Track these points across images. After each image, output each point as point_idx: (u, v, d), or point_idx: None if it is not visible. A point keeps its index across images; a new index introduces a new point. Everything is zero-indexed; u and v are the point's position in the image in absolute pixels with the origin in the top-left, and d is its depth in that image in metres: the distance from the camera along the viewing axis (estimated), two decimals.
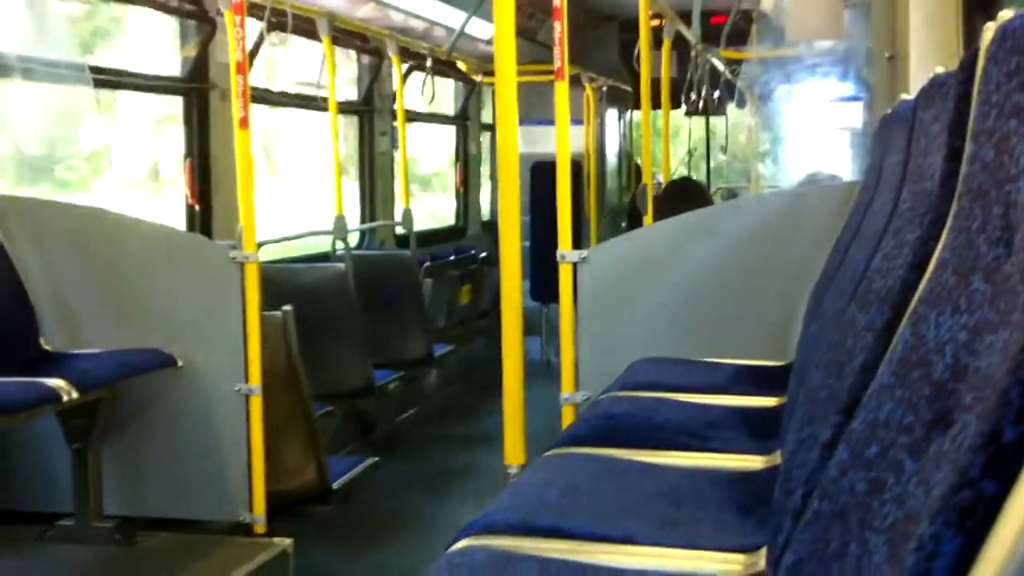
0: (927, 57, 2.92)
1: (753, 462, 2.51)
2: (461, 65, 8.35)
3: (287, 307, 4.19)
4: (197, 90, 5.29)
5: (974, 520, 0.85)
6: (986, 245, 1.10)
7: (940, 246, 1.39)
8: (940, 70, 1.89)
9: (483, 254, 8.02)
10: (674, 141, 11.13)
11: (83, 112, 4.78)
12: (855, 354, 1.63)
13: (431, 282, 7.01)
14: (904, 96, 2.58)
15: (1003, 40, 1.23)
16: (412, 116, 7.77)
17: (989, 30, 1.34)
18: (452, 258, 7.63)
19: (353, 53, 7.23)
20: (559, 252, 3.85)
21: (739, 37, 8.33)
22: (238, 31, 4.03)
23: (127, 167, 6.15)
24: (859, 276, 2.02)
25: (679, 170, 9.77)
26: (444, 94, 8.74)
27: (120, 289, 4.15)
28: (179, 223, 5.17)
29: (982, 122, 1.24)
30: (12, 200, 4.11)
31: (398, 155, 7.32)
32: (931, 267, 1.39)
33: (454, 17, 7.60)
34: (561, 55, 3.69)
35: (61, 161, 5.50)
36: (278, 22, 5.08)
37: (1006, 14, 1.30)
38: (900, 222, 1.80)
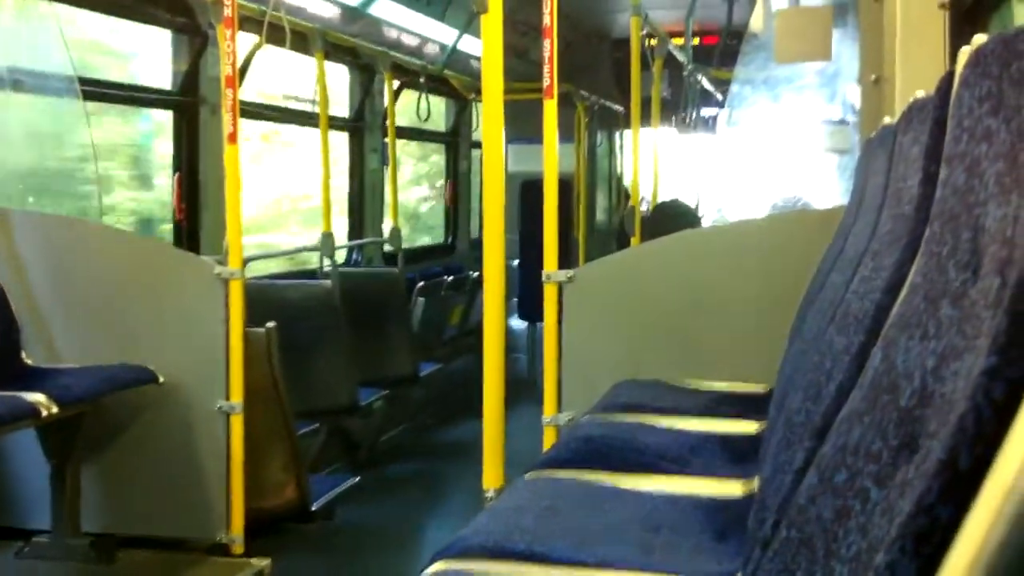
0: (912, 79, 2.91)
1: (732, 488, 2.48)
2: (453, 82, 8.36)
3: (271, 324, 4.16)
4: (187, 104, 5.27)
5: (930, 546, 0.83)
6: (955, 270, 1.08)
7: (912, 270, 1.37)
8: (920, 94, 1.88)
9: (475, 274, 8.01)
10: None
11: None
12: (832, 377, 1.61)
13: (423, 301, 6.99)
14: (887, 119, 2.57)
15: (975, 64, 1.22)
16: (402, 133, 7.76)
17: (964, 54, 1.32)
18: (449, 278, 7.61)
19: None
20: (545, 272, 3.83)
21: (731, 57, 8.35)
22: (229, 45, 4.01)
23: None
24: (839, 298, 2.00)
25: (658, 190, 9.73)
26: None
27: (103, 303, 4.12)
28: None
29: (954, 146, 1.22)
30: None
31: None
32: (903, 291, 1.38)
33: (447, 34, 7.62)
34: (551, 73, 3.68)
35: None
36: (270, 36, 5.07)
37: (980, 38, 1.28)
38: (878, 245, 1.79)
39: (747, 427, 2.97)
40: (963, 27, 2.93)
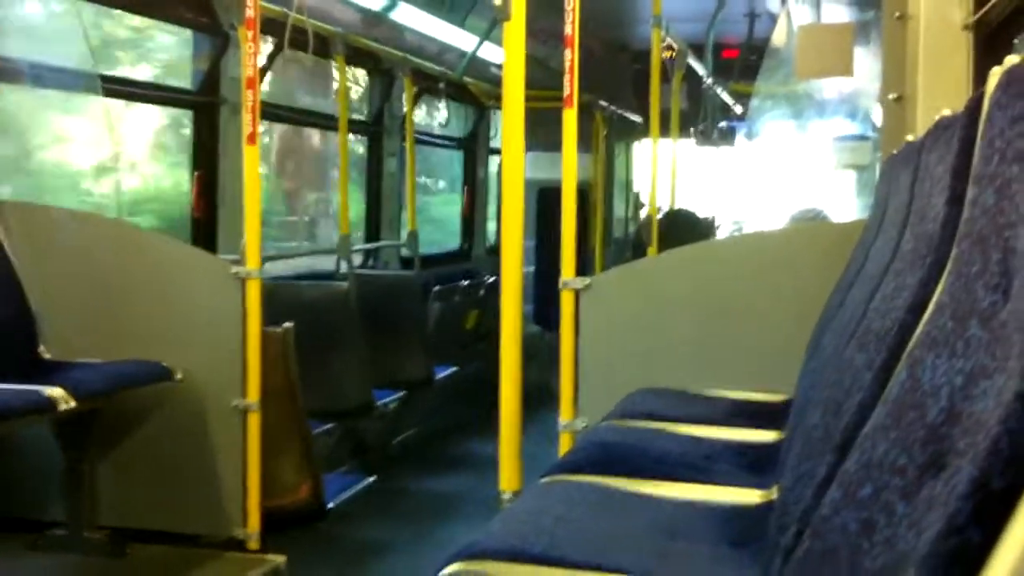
0: (935, 98, 2.93)
1: (750, 497, 2.49)
2: (472, 89, 8.39)
3: (288, 324, 4.19)
4: (207, 104, 5.30)
5: (960, 568, 0.84)
6: (984, 291, 1.10)
7: (939, 289, 1.39)
8: (946, 112, 1.90)
9: (491, 279, 8.03)
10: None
11: None
12: (852, 393, 1.63)
13: (439, 306, 7.01)
14: (910, 137, 2.58)
15: (1008, 85, 1.23)
16: (420, 138, 7.79)
17: (995, 74, 1.34)
18: (464, 283, 7.63)
19: None
20: (562, 279, 3.84)
21: (751, 71, 8.37)
22: (250, 46, 4.04)
23: None
24: (859, 315, 2.02)
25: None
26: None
27: (121, 299, 4.15)
28: None
29: (984, 166, 1.24)
30: (15, 205, 4.12)
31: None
32: (929, 310, 1.39)
33: (467, 41, 7.64)
34: (571, 83, 3.69)
35: None
36: (292, 39, 5.09)
37: (1012, 59, 1.30)
38: (901, 263, 1.81)
39: (764, 436, 2.97)
40: (987, 49, 2.94)
